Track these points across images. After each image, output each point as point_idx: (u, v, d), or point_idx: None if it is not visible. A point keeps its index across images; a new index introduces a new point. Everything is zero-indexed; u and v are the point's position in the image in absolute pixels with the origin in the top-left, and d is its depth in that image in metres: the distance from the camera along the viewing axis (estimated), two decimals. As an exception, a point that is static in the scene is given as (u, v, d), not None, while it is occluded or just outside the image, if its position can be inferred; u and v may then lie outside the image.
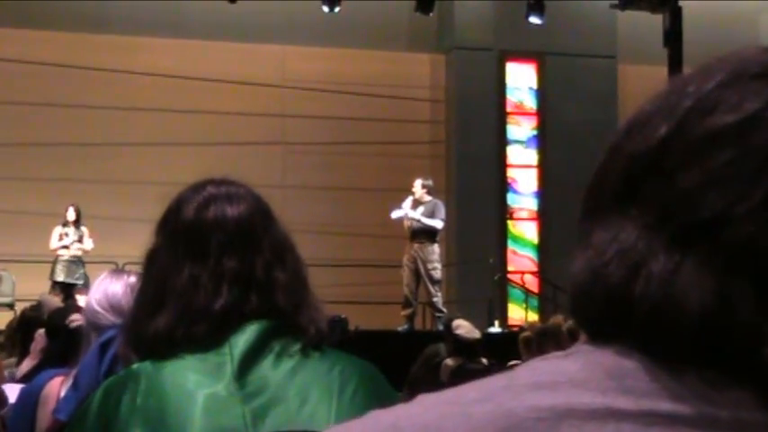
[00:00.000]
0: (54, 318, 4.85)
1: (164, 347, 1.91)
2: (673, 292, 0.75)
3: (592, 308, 0.79)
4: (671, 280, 0.75)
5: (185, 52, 17.95)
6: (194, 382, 1.85)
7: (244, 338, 1.90)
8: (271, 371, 1.89)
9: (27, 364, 5.09)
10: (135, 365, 1.92)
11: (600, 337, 0.78)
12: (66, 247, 14.62)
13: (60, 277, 14.50)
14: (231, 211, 2.01)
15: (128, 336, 2.04)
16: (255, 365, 1.89)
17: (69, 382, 3.06)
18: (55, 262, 14.60)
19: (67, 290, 14.45)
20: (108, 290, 3.17)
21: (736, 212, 0.75)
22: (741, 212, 0.75)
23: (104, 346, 2.92)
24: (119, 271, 3.31)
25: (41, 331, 4.87)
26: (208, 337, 1.90)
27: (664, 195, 0.77)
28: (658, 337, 0.75)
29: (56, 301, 7.31)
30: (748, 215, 0.74)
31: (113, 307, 3.11)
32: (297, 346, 1.93)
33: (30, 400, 3.19)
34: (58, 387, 3.14)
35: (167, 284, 1.96)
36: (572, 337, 7.94)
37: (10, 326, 7.33)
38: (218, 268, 1.95)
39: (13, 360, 5.85)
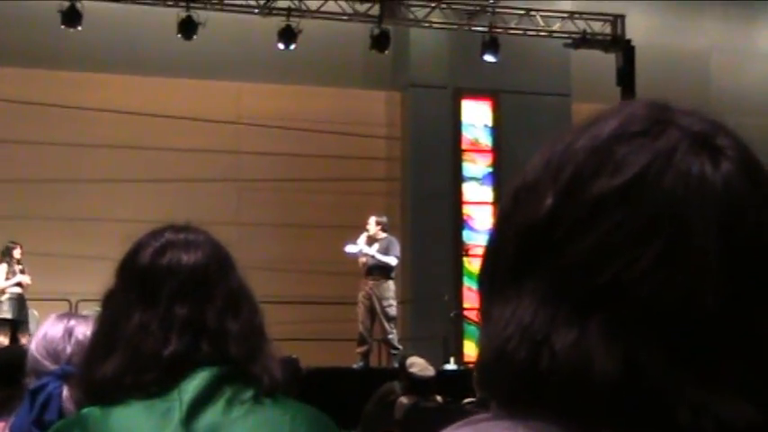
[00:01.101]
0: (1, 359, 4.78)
1: (112, 393, 1.90)
2: (577, 367, 0.73)
3: (500, 383, 0.78)
4: (573, 354, 0.74)
5: (140, 88, 17.88)
6: (142, 428, 1.85)
7: (193, 385, 1.88)
8: (220, 417, 1.88)
9: None
10: (84, 410, 1.91)
11: (512, 407, 0.77)
12: (19, 284, 14.47)
13: (9, 315, 14.35)
14: (187, 258, 2.01)
15: (78, 378, 2.04)
16: (204, 412, 1.87)
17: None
18: (0, 300, 14.43)
19: (15, 327, 14.29)
20: (48, 334, 3.15)
21: (628, 276, 0.74)
22: (634, 276, 0.74)
23: (34, 393, 2.90)
24: (63, 315, 3.29)
25: None
26: (157, 384, 1.89)
27: (558, 267, 0.76)
28: (570, 409, 0.74)
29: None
30: (641, 278, 0.73)
31: (50, 353, 3.09)
32: (249, 393, 1.92)
33: None
34: None
35: (118, 329, 1.95)
36: None
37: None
38: (169, 315, 1.94)
39: None
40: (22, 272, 14.52)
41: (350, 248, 14.16)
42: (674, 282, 0.73)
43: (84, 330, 3.05)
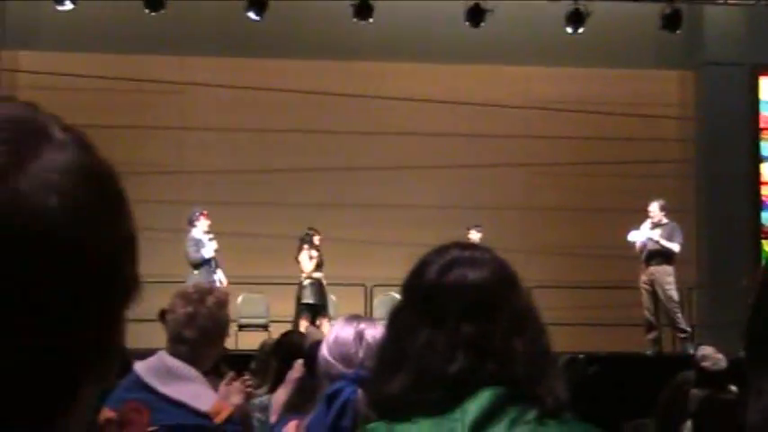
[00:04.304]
0: (314, 350, 4.98)
1: (399, 409, 1.92)
2: None
3: None
4: None
5: (430, 76, 18.15)
6: None
7: (476, 404, 1.87)
8: None
9: (282, 393, 5.08)
10: (370, 425, 1.96)
11: None
12: (318, 269, 14.84)
13: (311, 300, 14.79)
14: (473, 275, 1.99)
15: (367, 395, 2.09)
16: (487, 431, 1.86)
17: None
18: (302, 285, 14.82)
19: (315, 311, 14.72)
20: (339, 338, 3.23)
21: None
22: None
23: (331, 398, 2.98)
24: (352, 317, 3.37)
25: (301, 361, 4.97)
26: (441, 403, 1.89)
27: None
28: None
29: (320, 334, 7.47)
30: None
31: (342, 356, 3.17)
32: (532, 414, 1.88)
33: None
34: None
35: (405, 347, 1.96)
36: None
37: (263, 350, 7.39)
38: (455, 334, 1.93)
39: (262, 390, 5.76)
40: (319, 258, 14.88)
41: (633, 236, 14.00)
42: None
43: (373, 333, 3.13)
